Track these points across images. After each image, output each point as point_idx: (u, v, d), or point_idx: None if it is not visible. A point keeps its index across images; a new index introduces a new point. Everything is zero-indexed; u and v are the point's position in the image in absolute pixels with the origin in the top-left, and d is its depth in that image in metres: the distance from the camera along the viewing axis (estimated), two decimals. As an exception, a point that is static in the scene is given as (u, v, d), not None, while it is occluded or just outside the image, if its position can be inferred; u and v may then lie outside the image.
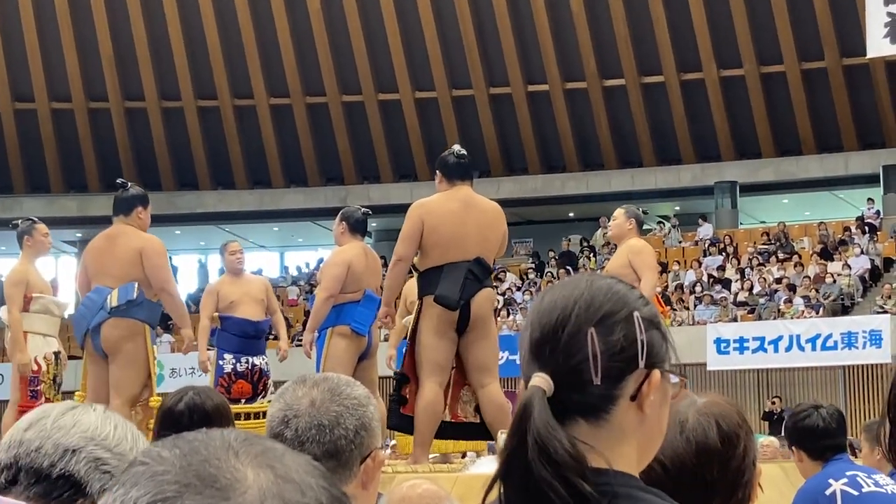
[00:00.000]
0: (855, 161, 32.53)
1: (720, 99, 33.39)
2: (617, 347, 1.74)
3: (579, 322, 1.75)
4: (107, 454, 1.96)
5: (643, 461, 1.80)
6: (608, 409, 1.74)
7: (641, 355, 1.75)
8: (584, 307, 1.76)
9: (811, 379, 24.67)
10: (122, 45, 35.14)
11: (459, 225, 7.98)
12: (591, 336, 1.73)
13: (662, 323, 1.83)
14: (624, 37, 33.24)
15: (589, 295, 1.78)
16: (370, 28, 34.35)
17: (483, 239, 8.04)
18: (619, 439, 1.74)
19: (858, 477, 4.92)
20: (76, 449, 1.95)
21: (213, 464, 1.02)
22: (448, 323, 7.95)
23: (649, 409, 1.76)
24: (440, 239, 7.96)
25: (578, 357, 1.73)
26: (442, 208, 8.04)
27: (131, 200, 9.30)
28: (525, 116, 34.63)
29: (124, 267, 9.06)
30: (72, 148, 36.23)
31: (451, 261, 7.94)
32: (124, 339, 8.99)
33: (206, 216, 36.40)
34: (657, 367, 1.78)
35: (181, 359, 28.55)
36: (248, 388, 11.20)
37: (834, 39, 32.08)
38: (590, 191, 33.84)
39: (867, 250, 28.14)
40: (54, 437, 1.96)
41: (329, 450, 2.58)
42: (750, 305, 26.79)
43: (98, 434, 1.98)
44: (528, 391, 1.71)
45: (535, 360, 1.75)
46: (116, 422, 2.02)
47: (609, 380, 1.73)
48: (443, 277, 7.91)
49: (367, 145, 35.66)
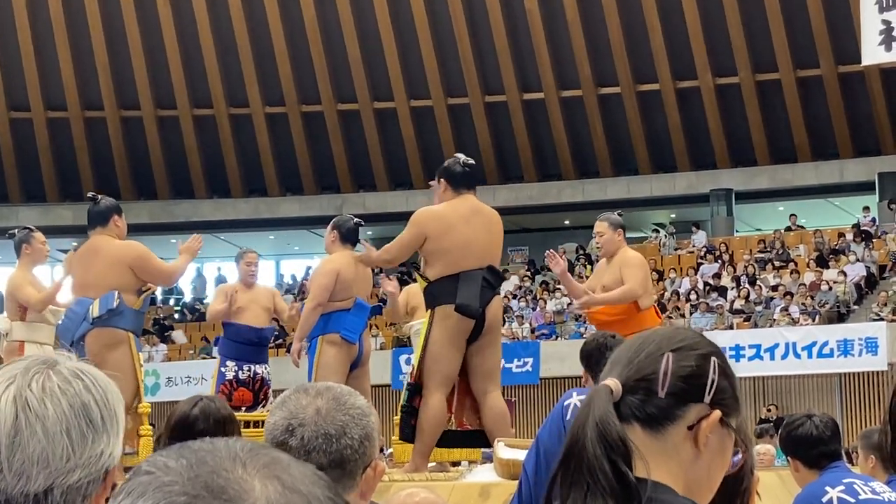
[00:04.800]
0: (850, 169, 32.54)
1: (715, 107, 33.41)
2: (687, 372, 1.88)
3: (660, 346, 1.90)
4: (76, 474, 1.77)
5: (689, 496, 1.87)
6: (665, 425, 1.86)
7: (709, 391, 1.87)
8: (667, 337, 1.92)
9: (807, 387, 24.66)
10: (118, 54, 35.12)
11: (470, 232, 7.95)
12: (667, 357, 1.87)
13: (737, 384, 1.96)
14: (619, 45, 33.27)
15: (673, 333, 1.95)
16: (365, 36, 34.35)
17: (492, 245, 8.05)
18: (669, 457, 1.85)
19: (855, 485, 4.93)
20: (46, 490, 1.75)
21: (222, 475, 1.02)
22: (464, 332, 7.92)
23: (703, 447, 1.86)
24: (452, 246, 7.92)
25: (650, 370, 1.87)
26: (453, 214, 8.01)
27: (106, 212, 9.34)
28: (521, 124, 34.63)
29: (106, 277, 9.10)
30: (67, 157, 36.20)
31: (465, 269, 7.90)
32: (108, 348, 9.02)
33: (201, 225, 36.28)
34: (722, 411, 1.89)
35: (177, 368, 28.55)
36: (249, 397, 11.19)
37: (829, 47, 32.11)
38: (585, 199, 33.83)
39: (863, 258, 28.15)
40: (20, 487, 1.74)
41: (335, 459, 2.59)
42: (746, 313, 26.79)
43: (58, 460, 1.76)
44: (596, 387, 1.85)
45: (611, 371, 1.90)
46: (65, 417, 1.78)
47: (673, 397, 1.86)
48: (461, 286, 7.86)
49: (362, 154, 35.65)
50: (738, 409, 1.93)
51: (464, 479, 8.02)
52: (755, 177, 33.27)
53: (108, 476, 1.81)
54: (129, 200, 35.36)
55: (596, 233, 9.64)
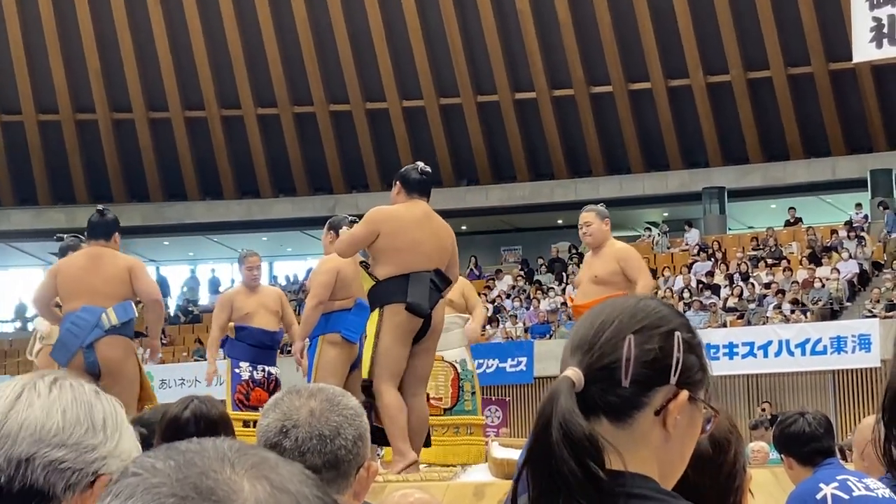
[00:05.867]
0: (842, 166, 32.58)
1: (707, 105, 33.45)
2: (651, 356, 1.79)
3: (620, 328, 1.80)
4: (61, 452, 1.86)
5: (662, 482, 1.81)
6: (632, 414, 1.78)
7: (674, 372, 1.79)
8: (627, 316, 1.82)
9: (801, 384, 24.69)
10: (109, 56, 35.10)
11: (421, 234, 8.04)
12: (628, 341, 1.78)
13: (704, 354, 1.87)
14: (611, 44, 33.29)
15: (635, 309, 1.83)
16: (357, 37, 34.35)
17: (440, 250, 8.09)
18: (639, 446, 1.78)
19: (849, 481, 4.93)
20: (28, 458, 1.85)
21: (210, 476, 1.01)
22: (411, 332, 8.03)
23: (672, 429, 1.79)
24: (404, 245, 8.01)
25: (612, 358, 1.78)
26: (406, 215, 8.11)
27: (111, 225, 9.40)
28: (513, 124, 34.65)
29: (116, 286, 9.13)
30: (59, 160, 36.17)
31: (415, 269, 7.99)
32: (123, 358, 9.09)
33: (194, 227, 36.36)
34: (689, 390, 1.81)
35: (171, 370, 28.53)
36: (265, 397, 11.17)
37: (820, 45, 32.16)
38: (578, 198, 33.75)
39: (855, 255, 28.19)
40: (4, 450, 1.85)
41: (329, 460, 2.58)
42: (739, 311, 26.82)
43: (47, 432, 1.86)
44: (558, 381, 1.76)
45: (572, 357, 1.81)
46: (65, 403, 1.89)
47: (637, 385, 1.77)
48: (411, 285, 7.97)
49: (354, 154, 35.66)
50: (707, 379, 1.84)
51: (458, 479, 8.03)
52: (747, 174, 33.31)
53: (97, 481, 1.83)
54: (122, 203, 35.35)
55: (583, 223, 9.63)
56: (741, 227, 35.08)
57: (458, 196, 34.46)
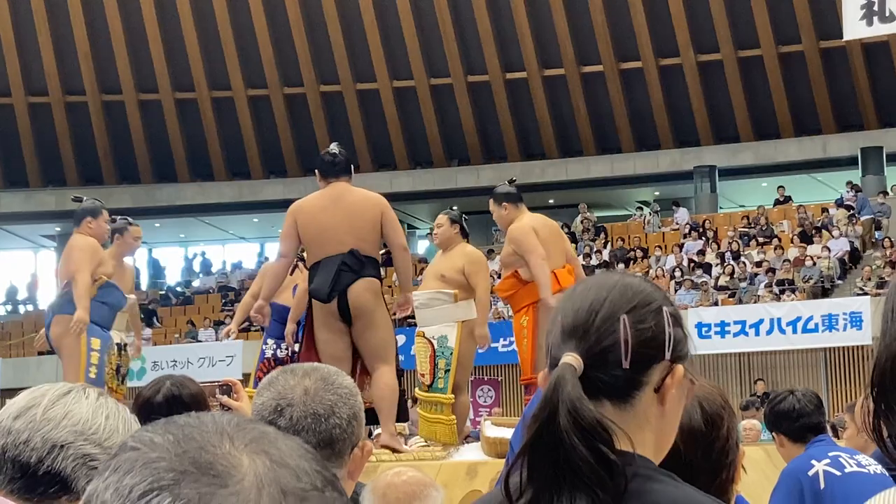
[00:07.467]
0: (833, 144, 32.59)
1: (698, 84, 33.43)
2: (647, 335, 1.81)
3: (613, 308, 1.82)
4: (96, 450, 1.93)
5: (658, 455, 1.85)
6: (633, 394, 1.80)
7: (668, 347, 1.82)
8: (617, 295, 1.84)
9: (792, 362, 24.73)
10: (99, 38, 34.99)
11: (327, 219, 8.13)
12: (623, 321, 1.80)
13: (683, 320, 1.89)
14: (601, 23, 33.24)
15: (622, 286, 1.85)
16: (347, 18, 34.27)
17: (354, 229, 8.11)
18: (641, 425, 1.81)
19: (841, 457, 4.95)
20: (65, 444, 1.92)
21: (209, 450, 1.01)
22: (330, 315, 8.13)
23: (669, 403, 1.83)
24: (313, 236, 8.17)
25: (609, 340, 1.80)
26: (312, 206, 8.25)
27: (81, 213, 9.93)
28: (503, 104, 34.61)
29: (68, 271, 9.76)
30: (49, 142, 36.08)
31: (329, 255, 8.09)
32: (61, 335, 9.65)
33: (185, 208, 36.30)
34: (680, 362, 1.84)
35: (163, 351, 28.52)
36: None
37: (811, 23, 32.13)
38: (569, 177, 33.85)
39: (846, 233, 28.21)
40: (43, 431, 1.93)
41: (324, 439, 2.59)
42: (730, 289, 26.85)
43: (88, 428, 1.95)
44: (560, 368, 1.76)
45: (567, 342, 1.81)
46: (109, 411, 1.99)
47: (637, 365, 1.80)
48: (317, 272, 8.11)
49: (346, 135, 35.57)
50: (690, 347, 1.87)
51: (451, 458, 8.05)
52: (738, 153, 33.30)
53: None
54: (112, 185, 35.28)
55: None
56: (732, 205, 35.09)
57: (449, 176, 34.43)
